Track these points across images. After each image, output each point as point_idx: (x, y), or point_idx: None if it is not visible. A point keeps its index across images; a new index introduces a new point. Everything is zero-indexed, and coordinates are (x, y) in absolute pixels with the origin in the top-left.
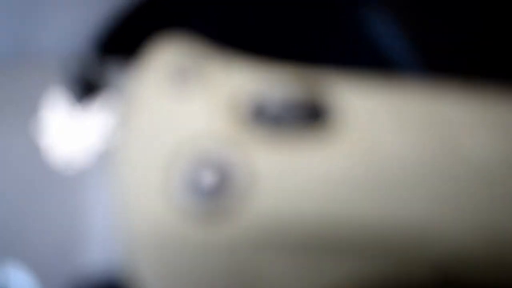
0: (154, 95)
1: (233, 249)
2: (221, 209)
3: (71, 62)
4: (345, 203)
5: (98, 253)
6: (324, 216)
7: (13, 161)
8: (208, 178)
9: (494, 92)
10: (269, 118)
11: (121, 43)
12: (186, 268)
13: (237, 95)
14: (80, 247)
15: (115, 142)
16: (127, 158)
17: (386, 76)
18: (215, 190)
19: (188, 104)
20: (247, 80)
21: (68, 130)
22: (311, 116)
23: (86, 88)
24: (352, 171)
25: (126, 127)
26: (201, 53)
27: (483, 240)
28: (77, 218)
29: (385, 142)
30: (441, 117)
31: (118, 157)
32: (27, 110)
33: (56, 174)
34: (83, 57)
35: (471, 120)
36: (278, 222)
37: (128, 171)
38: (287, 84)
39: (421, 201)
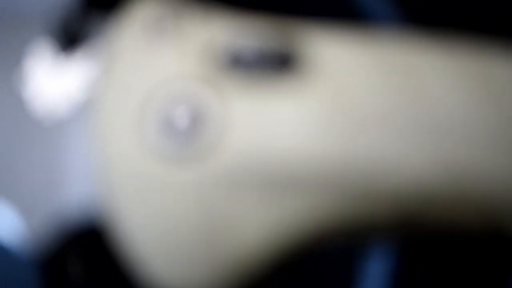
0: (130, 45)
1: (203, 188)
2: (194, 149)
3: (54, 14)
4: (312, 141)
5: (78, 192)
6: (292, 154)
7: None
8: (181, 119)
9: (470, 45)
10: (243, 65)
11: None
12: (159, 207)
13: (212, 43)
14: (61, 187)
15: (95, 91)
16: (104, 105)
17: (360, 28)
18: (188, 131)
19: (162, 51)
20: (223, 29)
21: (51, 80)
22: (284, 63)
23: (69, 39)
24: (321, 113)
25: (103, 76)
26: (179, 5)
27: (443, 176)
28: (59, 161)
29: (354, 87)
30: (410, 65)
31: (96, 105)
32: (11, 61)
33: (39, 121)
34: (66, 9)
35: (440, 69)
36: (248, 162)
37: (104, 117)
38: (262, 33)
39: (385, 140)
